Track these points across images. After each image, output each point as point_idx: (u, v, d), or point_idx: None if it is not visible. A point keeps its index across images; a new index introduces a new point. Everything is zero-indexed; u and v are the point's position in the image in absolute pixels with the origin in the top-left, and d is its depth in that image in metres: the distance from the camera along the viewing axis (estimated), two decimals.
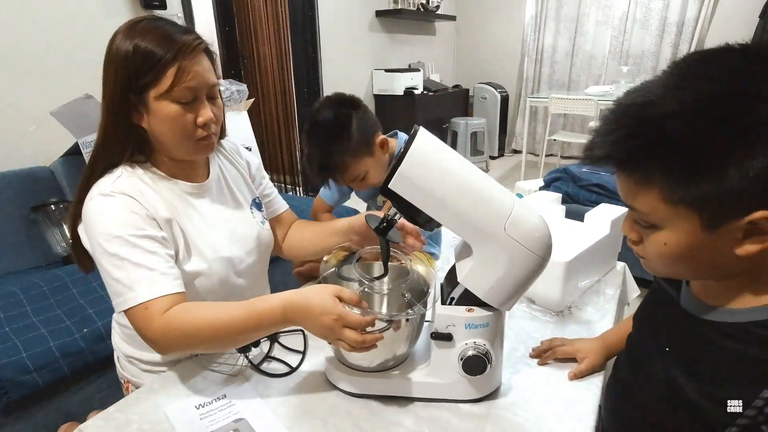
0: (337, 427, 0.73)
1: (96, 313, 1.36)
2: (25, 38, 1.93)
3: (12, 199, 1.74)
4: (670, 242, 0.50)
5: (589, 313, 1.05)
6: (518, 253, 0.67)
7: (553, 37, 4.99)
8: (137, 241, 0.75)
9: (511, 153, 5.55)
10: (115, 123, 0.79)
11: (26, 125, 1.97)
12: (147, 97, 0.77)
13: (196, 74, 0.77)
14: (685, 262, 0.51)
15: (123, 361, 0.96)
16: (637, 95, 0.48)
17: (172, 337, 0.72)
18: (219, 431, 0.72)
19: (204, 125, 0.81)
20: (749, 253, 0.46)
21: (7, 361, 1.19)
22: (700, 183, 0.45)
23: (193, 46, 0.77)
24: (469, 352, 0.72)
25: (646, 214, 0.51)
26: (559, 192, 1.55)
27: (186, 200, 0.88)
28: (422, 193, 0.67)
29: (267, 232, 1.02)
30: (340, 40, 3.73)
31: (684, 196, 0.46)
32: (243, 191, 1.00)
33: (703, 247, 0.48)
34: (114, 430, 0.73)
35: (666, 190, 0.47)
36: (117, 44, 0.76)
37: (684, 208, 0.47)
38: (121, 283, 0.73)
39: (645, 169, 0.48)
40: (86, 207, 0.78)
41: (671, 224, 0.49)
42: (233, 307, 0.72)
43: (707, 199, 0.45)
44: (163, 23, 0.78)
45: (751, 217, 0.44)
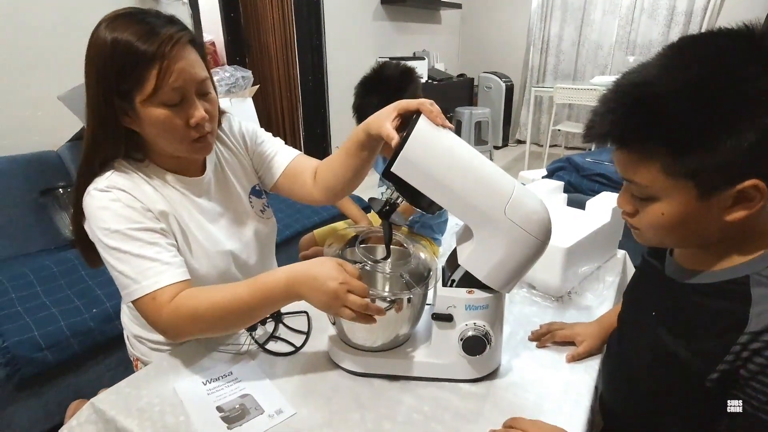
0: (340, 404, 0.75)
1: (105, 294, 1.39)
2: (31, 24, 1.94)
3: (21, 183, 1.77)
4: (666, 212, 0.54)
5: (589, 299, 1.07)
6: (518, 236, 0.68)
7: (559, 27, 4.94)
8: (136, 234, 0.76)
9: (515, 143, 5.53)
10: (102, 126, 0.77)
11: (34, 110, 1.99)
12: (132, 101, 0.73)
13: (181, 72, 0.73)
14: (678, 231, 0.56)
15: (132, 340, 0.99)
16: (635, 76, 0.52)
17: (181, 324, 0.74)
18: (226, 405, 0.75)
19: (197, 126, 0.78)
20: (737, 219, 0.51)
21: (19, 339, 1.22)
22: (697, 156, 0.49)
23: (176, 39, 0.72)
24: (469, 333, 0.74)
25: (645, 187, 0.54)
26: (562, 181, 1.56)
27: (184, 194, 0.87)
28: (424, 177, 0.68)
29: (267, 220, 1.02)
30: (345, 28, 3.72)
31: (682, 169, 0.50)
32: (241, 180, 0.98)
33: (696, 215, 0.53)
34: (125, 403, 0.76)
35: (666, 164, 0.51)
36: (97, 36, 0.73)
37: (682, 179, 0.51)
38: (125, 275, 0.75)
39: (645, 144, 0.52)
40: (84, 202, 0.79)
41: (669, 195, 0.53)
42: (238, 286, 0.74)
43: (704, 171, 0.49)
44: (146, 15, 0.74)
45: (741, 185, 0.49)
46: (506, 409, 0.74)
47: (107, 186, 0.77)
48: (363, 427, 0.71)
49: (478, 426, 0.71)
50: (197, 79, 0.76)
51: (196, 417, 0.73)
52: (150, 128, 0.77)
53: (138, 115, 0.75)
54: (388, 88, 1.18)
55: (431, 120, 0.70)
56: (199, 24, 2.62)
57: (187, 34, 0.75)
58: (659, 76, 0.50)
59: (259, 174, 1.02)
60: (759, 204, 0.50)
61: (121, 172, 0.80)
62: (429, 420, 0.72)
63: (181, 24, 0.76)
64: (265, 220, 1.02)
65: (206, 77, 0.78)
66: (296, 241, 1.74)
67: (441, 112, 0.72)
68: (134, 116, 0.76)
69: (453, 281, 0.76)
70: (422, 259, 0.86)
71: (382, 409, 0.74)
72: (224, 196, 0.95)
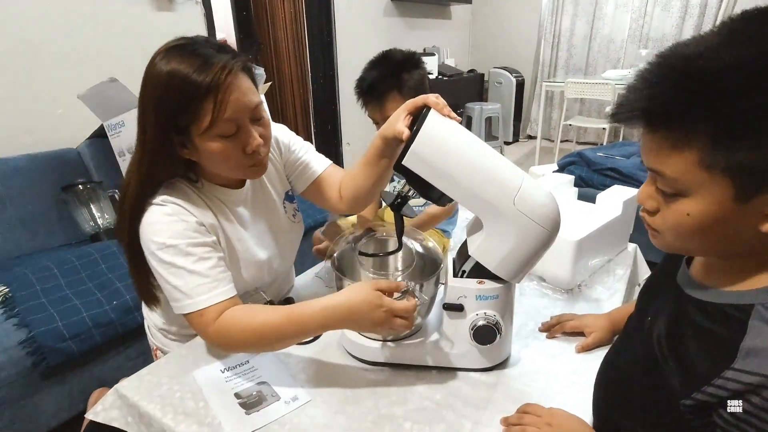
0: (354, 391, 0.78)
1: (124, 287, 1.43)
2: (50, 25, 1.99)
3: (43, 180, 1.82)
4: (694, 212, 0.46)
5: (599, 292, 1.07)
6: (527, 227, 0.69)
7: (570, 20, 4.89)
8: (191, 249, 0.78)
9: (526, 138, 5.50)
10: (158, 158, 0.78)
11: (54, 109, 2.04)
12: (190, 135, 0.75)
13: (236, 103, 0.74)
14: (702, 236, 0.48)
15: (153, 330, 1.03)
16: (686, 48, 0.44)
17: (225, 343, 0.78)
18: (243, 392, 0.78)
19: (253, 153, 0.79)
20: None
21: (45, 329, 1.27)
22: (744, 148, 0.41)
23: (229, 67, 0.72)
24: (479, 323, 0.76)
25: (674, 180, 0.46)
26: (573, 176, 1.56)
27: (225, 205, 0.89)
28: (434, 169, 0.70)
29: (297, 224, 1.04)
30: (356, 24, 3.73)
31: (723, 161, 0.43)
32: (276, 186, 0.99)
33: (727, 220, 0.45)
34: (147, 389, 0.79)
35: (704, 153, 0.43)
36: (152, 69, 0.73)
37: (720, 174, 0.43)
38: (178, 290, 0.77)
39: (685, 127, 0.44)
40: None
41: (700, 192, 0.45)
42: (276, 315, 0.75)
43: (748, 167, 0.42)
44: (198, 46, 0.74)
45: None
46: (516, 398, 0.75)
47: (162, 200, 0.79)
48: (375, 413, 0.73)
49: (487, 413, 0.72)
50: (251, 106, 0.77)
51: (215, 403, 0.76)
52: (207, 159, 0.79)
53: (195, 148, 0.77)
54: (390, 65, 1.20)
55: (438, 111, 0.72)
56: (212, 23, 2.66)
57: (239, 61, 0.75)
58: (717, 50, 0.42)
59: (289, 180, 1.03)
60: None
61: (173, 186, 0.82)
62: (440, 407, 0.74)
63: (233, 51, 0.77)
64: (296, 224, 1.04)
65: (259, 102, 0.79)
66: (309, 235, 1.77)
67: (447, 105, 0.74)
68: (192, 148, 0.77)
69: (464, 272, 0.78)
70: (432, 250, 0.88)
71: (393, 396, 0.76)
72: (261, 204, 0.97)
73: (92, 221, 1.85)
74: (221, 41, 3.75)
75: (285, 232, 1.01)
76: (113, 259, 1.54)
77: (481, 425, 0.70)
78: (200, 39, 0.77)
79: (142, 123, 0.77)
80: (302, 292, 1.12)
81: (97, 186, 1.90)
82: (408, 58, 1.23)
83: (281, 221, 1.00)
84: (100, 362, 1.39)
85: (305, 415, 0.73)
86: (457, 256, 0.82)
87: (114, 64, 2.14)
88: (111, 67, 2.06)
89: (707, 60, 0.42)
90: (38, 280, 1.42)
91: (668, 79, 0.44)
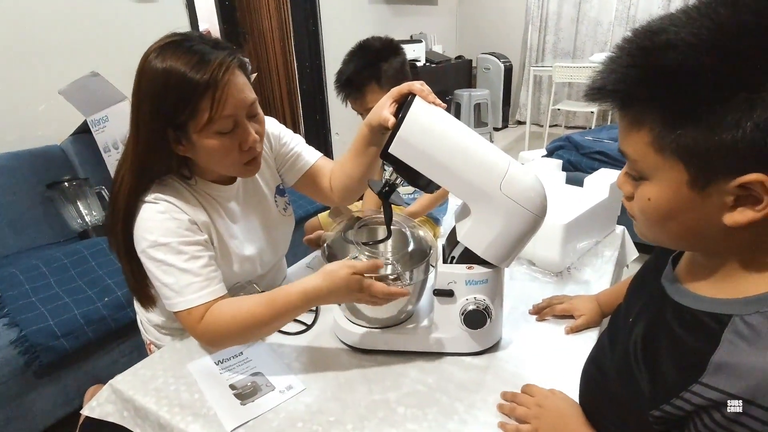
0: (347, 378, 0.79)
1: (115, 283, 1.43)
2: (29, 19, 1.94)
3: (27, 178, 1.79)
4: (654, 197, 0.45)
5: (588, 274, 1.09)
6: (514, 211, 0.70)
7: (557, 4, 4.88)
8: (183, 248, 0.78)
9: (515, 124, 5.51)
10: (153, 154, 0.77)
11: (36, 105, 2.00)
12: (187, 131, 0.75)
13: (233, 100, 0.74)
14: (668, 224, 0.46)
15: (146, 325, 1.02)
16: (654, 22, 0.42)
17: (213, 338, 0.78)
18: (238, 383, 0.78)
19: (249, 149, 0.79)
20: (737, 224, 0.40)
21: (36, 328, 1.26)
22: (690, 129, 0.39)
23: (226, 65, 0.72)
24: (469, 307, 0.77)
25: (635, 162, 0.45)
26: (561, 160, 1.57)
27: (217, 201, 0.89)
28: (420, 156, 0.70)
29: (289, 218, 1.04)
30: (341, 12, 3.68)
31: (672, 143, 0.41)
32: (267, 180, 0.99)
33: (688, 208, 0.43)
34: (142, 383, 0.80)
35: (655, 133, 0.42)
36: (148, 66, 0.72)
37: (671, 156, 0.41)
38: (169, 287, 0.77)
39: (638, 105, 0.43)
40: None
41: (658, 175, 0.44)
42: (258, 305, 0.76)
43: (697, 150, 0.39)
44: (193, 42, 0.74)
45: (743, 179, 0.38)
46: (507, 380, 0.77)
47: (154, 198, 0.79)
48: (369, 398, 0.74)
49: (480, 395, 0.74)
50: (248, 103, 0.77)
51: (211, 394, 0.76)
52: (204, 155, 0.78)
53: (192, 144, 0.76)
54: (368, 56, 1.19)
55: (423, 98, 0.72)
56: (195, 14, 2.61)
57: (236, 58, 0.75)
58: (681, 24, 0.39)
59: (280, 173, 1.03)
60: (766, 209, 0.38)
61: (165, 183, 0.82)
62: (433, 391, 0.75)
63: (229, 47, 0.77)
64: (287, 217, 1.04)
65: (255, 99, 0.79)
66: (300, 225, 1.77)
67: (432, 92, 0.74)
68: (188, 145, 0.77)
69: (453, 258, 0.78)
70: (422, 237, 0.88)
71: (387, 381, 0.77)
72: (252, 199, 0.96)
73: (80, 218, 1.83)
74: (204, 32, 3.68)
75: (276, 226, 1.01)
76: (103, 255, 1.53)
77: (474, 408, 0.72)
78: (194, 35, 0.77)
79: (135, 120, 0.76)
80: None
81: (84, 182, 1.88)
82: (385, 47, 1.22)
83: (272, 215, 1.00)
84: (94, 359, 1.38)
85: (300, 403, 0.74)
86: (447, 243, 0.83)
87: (96, 58, 2.10)
88: (93, 61, 2.02)
89: (668, 33, 0.39)
90: (27, 279, 1.40)
91: (629, 55, 0.42)
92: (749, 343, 0.40)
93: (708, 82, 0.38)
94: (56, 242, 1.81)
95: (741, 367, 0.39)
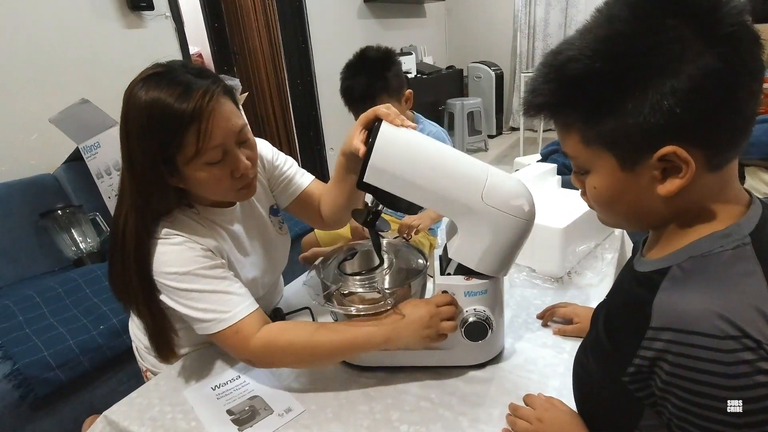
0: (348, 397, 0.76)
1: (110, 310, 1.40)
2: (17, 48, 1.95)
3: (20, 208, 1.78)
4: (598, 185, 0.51)
5: (589, 278, 1.07)
6: (500, 220, 0.69)
7: (544, 10, 4.93)
8: (207, 272, 0.77)
9: (509, 131, 5.53)
10: (150, 189, 0.76)
11: (28, 134, 2.00)
12: (176, 164, 0.74)
13: (219, 129, 0.72)
14: (617, 207, 0.52)
15: (142, 352, 1.00)
16: (558, 46, 0.49)
17: (270, 355, 0.76)
18: (235, 408, 0.76)
19: (241, 176, 0.78)
20: (670, 192, 0.46)
21: (30, 360, 1.23)
22: (604, 121, 0.46)
23: (210, 92, 0.71)
24: (470, 319, 0.75)
25: (574, 158, 0.52)
26: (556, 164, 1.56)
27: (221, 225, 0.88)
28: (396, 181, 0.69)
29: (285, 237, 1.04)
30: (330, 28, 3.72)
31: (596, 136, 0.47)
32: (262, 201, 0.99)
33: (626, 188, 0.49)
34: (138, 413, 0.77)
35: (581, 132, 0.48)
36: (133, 99, 0.71)
37: (599, 148, 0.48)
38: (205, 311, 0.75)
39: (563, 112, 0.49)
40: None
41: (595, 166, 0.50)
42: (333, 333, 0.76)
43: (615, 137, 0.46)
44: (176, 73, 0.73)
45: (659, 152, 0.44)
46: (512, 391, 0.75)
47: (165, 233, 0.77)
48: (371, 417, 0.72)
49: (484, 409, 0.72)
50: (236, 130, 0.75)
51: (208, 421, 0.74)
52: (195, 186, 0.78)
53: (183, 175, 0.76)
54: (373, 67, 1.21)
55: (390, 122, 0.71)
56: (184, 37, 2.63)
57: (220, 85, 0.74)
58: (573, 40, 0.47)
59: (273, 195, 1.02)
60: (688, 174, 0.44)
61: (173, 217, 0.81)
62: (436, 406, 0.73)
63: (213, 74, 0.76)
64: (283, 236, 1.03)
65: (244, 124, 0.77)
66: (297, 242, 1.76)
67: (399, 114, 0.73)
68: (179, 177, 0.76)
69: (449, 274, 0.77)
70: (415, 256, 0.87)
71: (389, 399, 0.75)
72: (251, 221, 0.95)
73: (74, 246, 1.81)
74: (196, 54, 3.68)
75: (275, 246, 1.00)
76: (98, 283, 1.51)
77: (478, 421, 0.70)
78: (177, 64, 0.76)
79: (128, 156, 0.75)
80: (292, 300, 1.10)
81: (77, 210, 1.87)
82: (386, 56, 1.24)
83: (271, 235, 0.99)
84: (91, 389, 1.35)
85: (300, 425, 0.72)
86: (443, 255, 0.81)
87: (86, 85, 2.10)
88: (84, 88, 2.02)
89: (567, 50, 0.47)
90: (21, 311, 1.38)
91: (541, 75, 0.49)
92: (683, 284, 0.46)
93: (606, 81, 0.44)
94: (51, 271, 1.79)
95: (675, 303, 0.45)
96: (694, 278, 0.46)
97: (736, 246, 0.45)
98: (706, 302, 0.43)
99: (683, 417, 0.43)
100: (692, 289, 0.45)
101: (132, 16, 2.32)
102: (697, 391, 0.42)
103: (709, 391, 0.41)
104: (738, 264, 0.45)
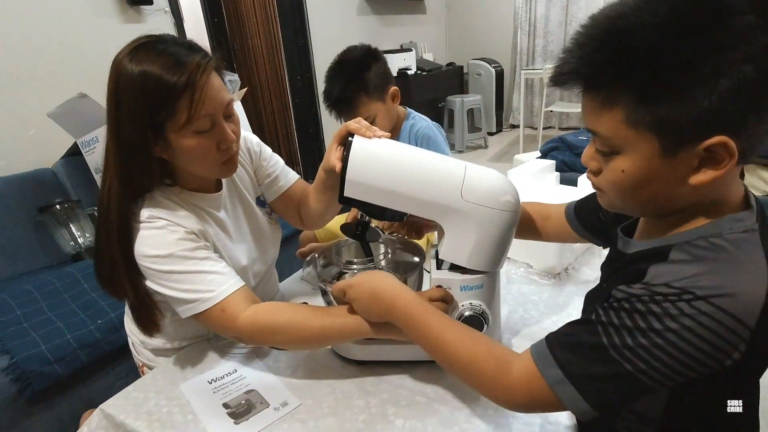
0: (344, 392, 0.76)
1: (108, 305, 1.41)
2: (15, 43, 1.94)
3: (18, 203, 1.78)
4: (628, 169, 0.48)
5: (586, 274, 1.07)
6: (484, 215, 0.69)
7: (545, 7, 4.92)
8: (189, 254, 0.77)
9: (509, 128, 5.52)
10: (134, 158, 0.76)
11: (26, 129, 2.00)
12: (165, 132, 0.74)
13: (210, 99, 0.74)
14: (640, 193, 0.49)
15: (138, 346, 1.00)
16: (612, 8, 0.45)
17: (258, 334, 0.76)
18: (231, 402, 0.76)
19: (226, 149, 0.79)
20: (702, 183, 0.45)
21: (27, 354, 1.24)
22: (662, 103, 0.43)
23: (203, 66, 0.73)
24: (466, 313, 0.75)
25: (607, 138, 0.48)
26: (554, 161, 1.56)
27: (207, 211, 0.88)
28: (375, 192, 0.70)
29: (275, 225, 1.04)
30: (330, 25, 3.71)
31: (645, 117, 0.44)
32: (249, 190, 0.99)
33: (659, 175, 0.47)
34: (134, 407, 0.77)
35: (628, 110, 0.45)
36: (122, 70, 0.72)
37: (645, 130, 0.45)
38: (189, 292, 0.75)
39: (610, 86, 0.45)
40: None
41: (631, 149, 0.47)
42: (325, 316, 0.76)
43: (669, 122, 0.43)
44: (167, 44, 0.73)
45: (709, 141, 0.42)
46: None
47: (148, 217, 0.78)
48: (367, 412, 0.72)
49: (480, 404, 0.72)
50: (224, 103, 0.77)
51: (204, 415, 0.74)
52: (182, 156, 0.78)
53: (170, 145, 0.76)
54: (350, 69, 1.19)
55: (362, 135, 0.72)
56: (183, 32, 2.62)
57: (212, 60, 0.76)
58: (637, 8, 0.42)
59: (260, 187, 1.03)
60: (726, 166, 0.43)
61: (155, 200, 0.81)
62: (432, 401, 0.73)
63: (203, 50, 0.77)
64: (273, 225, 1.04)
65: (231, 100, 0.79)
66: (294, 238, 1.75)
67: (370, 126, 0.74)
68: (165, 146, 0.76)
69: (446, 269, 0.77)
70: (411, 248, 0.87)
71: (385, 394, 0.75)
72: (239, 208, 0.96)
73: (73, 241, 1.81)
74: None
75: (265, 234, 1.00)
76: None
77: (474, 416, 0.70)
78: (167, 37, 0.76)
79: (115, 125, 0.75)
80: (288, 297, 1.10)
81: (76, 205, 1.86)
82: (365, 55, 1.22)
83: (261, 223, 1.00)
84: (89, 383, 1.36)
85: (295, 419, 0.72)
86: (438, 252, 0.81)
87: (85, 80, 2.10)
88: (82, 83, 2.02)
89: (625, 18, 0.43)
90: (18, 305, 1.38)
91: (592, 39, 0.45)
92: (687, 258, 0.47)
93: (676, 59, 0.41)
94: (49, 266, 1.79)
95: (673, 267, 0.46)
96: (699, 254, 0.46)
97: (746, 230, 0.47)
98: (712, 278, 0.44)
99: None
100: (696, 264, 0.46)
101: (131, 11, 2.32)
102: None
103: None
104: (746, 247, 0.46)
